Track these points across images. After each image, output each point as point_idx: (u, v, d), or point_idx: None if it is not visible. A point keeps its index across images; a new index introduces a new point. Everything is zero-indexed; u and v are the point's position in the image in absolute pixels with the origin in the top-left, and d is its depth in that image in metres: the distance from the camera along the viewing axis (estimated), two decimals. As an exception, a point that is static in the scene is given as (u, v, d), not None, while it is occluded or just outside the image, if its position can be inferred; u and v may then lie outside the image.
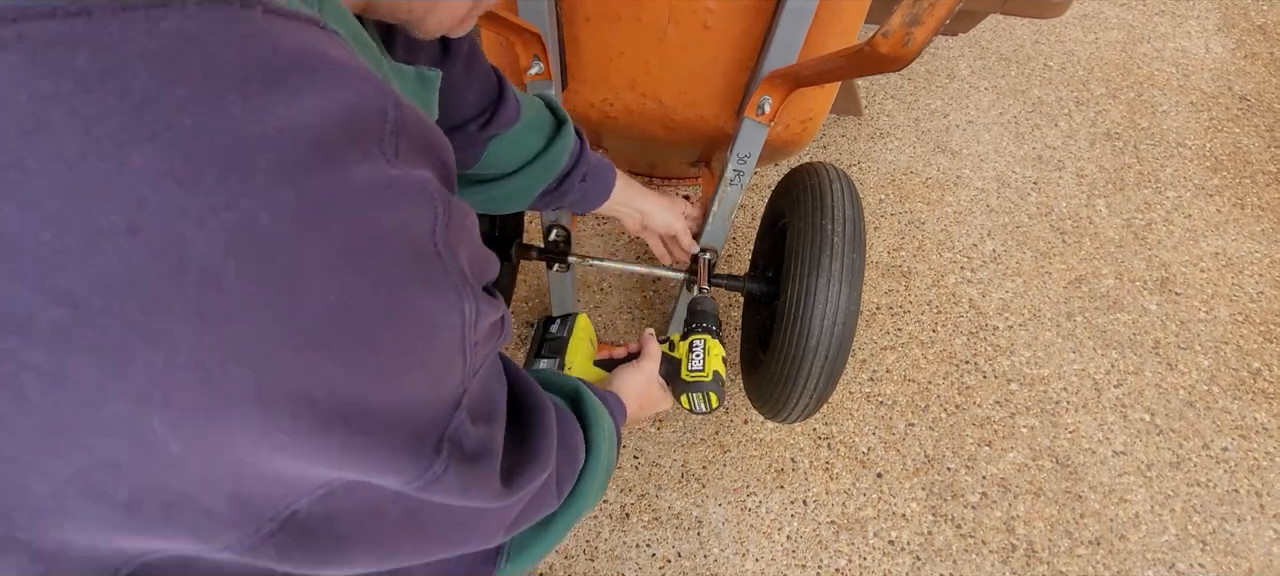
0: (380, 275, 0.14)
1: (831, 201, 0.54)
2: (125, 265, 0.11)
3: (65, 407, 0.12)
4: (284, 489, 0.15)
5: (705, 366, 0.47)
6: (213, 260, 0.12)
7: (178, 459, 0.13)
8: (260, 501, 0.15)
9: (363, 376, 0.14)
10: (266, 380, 0.13)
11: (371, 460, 0.15)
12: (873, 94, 1.20)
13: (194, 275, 0.12)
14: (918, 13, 0.31)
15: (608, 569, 0.73)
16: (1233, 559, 0.76)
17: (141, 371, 0.12)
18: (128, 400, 0.12)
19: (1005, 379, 0.88)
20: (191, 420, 0.12)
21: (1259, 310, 0.96)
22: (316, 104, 0.13)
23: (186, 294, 0.12)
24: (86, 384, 0.11)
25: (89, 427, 0.12)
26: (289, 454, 0.14)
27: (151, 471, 0.13)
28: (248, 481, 0.14)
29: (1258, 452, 0.83)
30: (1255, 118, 1.20)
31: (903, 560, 0.74)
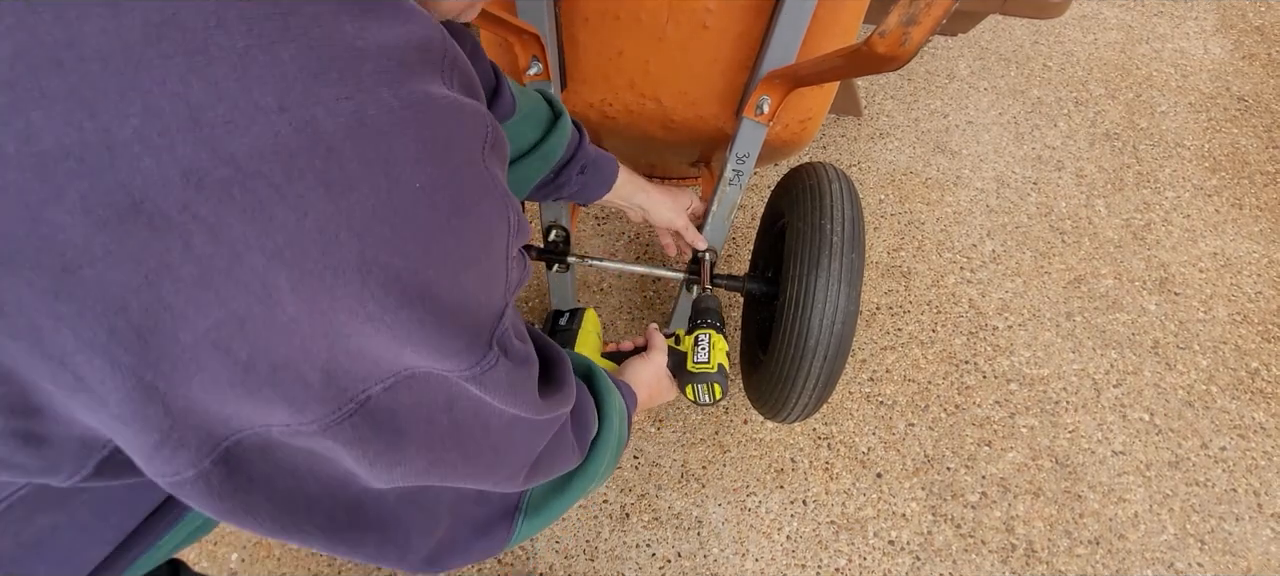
0: (453, 171, 0.17)
1: (831, 201, 0.54)
2: (274, 137, 0.14)
3: (217, 259, 0.14)
4: (365, 369, 0.17)
5: (711, 359, 0.48)
6: (336, 140, 0.14)
7: (291, 321, 0.15)
8: (344, 379, 0.17)
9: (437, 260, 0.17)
10: (367, 250, 0.15)
11: (439, 341, 0.18)
12: (872, 94, 1.21)
13: (322, 150, 0.14)
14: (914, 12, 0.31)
15: (608, 568, 0.73)
16: (1230, 558, 0.76)
17: (279, 228, 0.14)
18: (264, 255, 0.14)
19: (1005, 379, 0.89)
20: (308, 281, 0.15)
21: (1257, 310, 0.96)
22: (401, 31, 0.16)
23: (316, 165, 0.14)
24: (235, 237, 0.14)
25: (230, 280, 0.14)
26: (374, 327, 0.16)
27: (269, 332, 0.15)
28: (338, 356, 0.16)
29: (1255, 452, 0.84)
30: (1253, 118, 1.21)
31: (902, 560, 0.74)
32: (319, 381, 0.16)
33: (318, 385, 0.16)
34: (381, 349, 0.17)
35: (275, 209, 0.14)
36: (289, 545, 0.74)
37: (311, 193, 0.14)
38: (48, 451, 0.16)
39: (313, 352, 0.16)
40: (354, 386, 0.17)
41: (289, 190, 0.14)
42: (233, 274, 0.14)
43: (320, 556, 0.74)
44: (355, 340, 0.16)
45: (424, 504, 0.23)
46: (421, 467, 0.20)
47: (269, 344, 0.15)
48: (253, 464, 0.17)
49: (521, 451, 0.25)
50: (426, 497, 0.23)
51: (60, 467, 0.16)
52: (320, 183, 0.14)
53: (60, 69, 0.12)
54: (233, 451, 0.17)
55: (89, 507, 0.21)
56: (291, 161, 0.14)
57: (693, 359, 0.49)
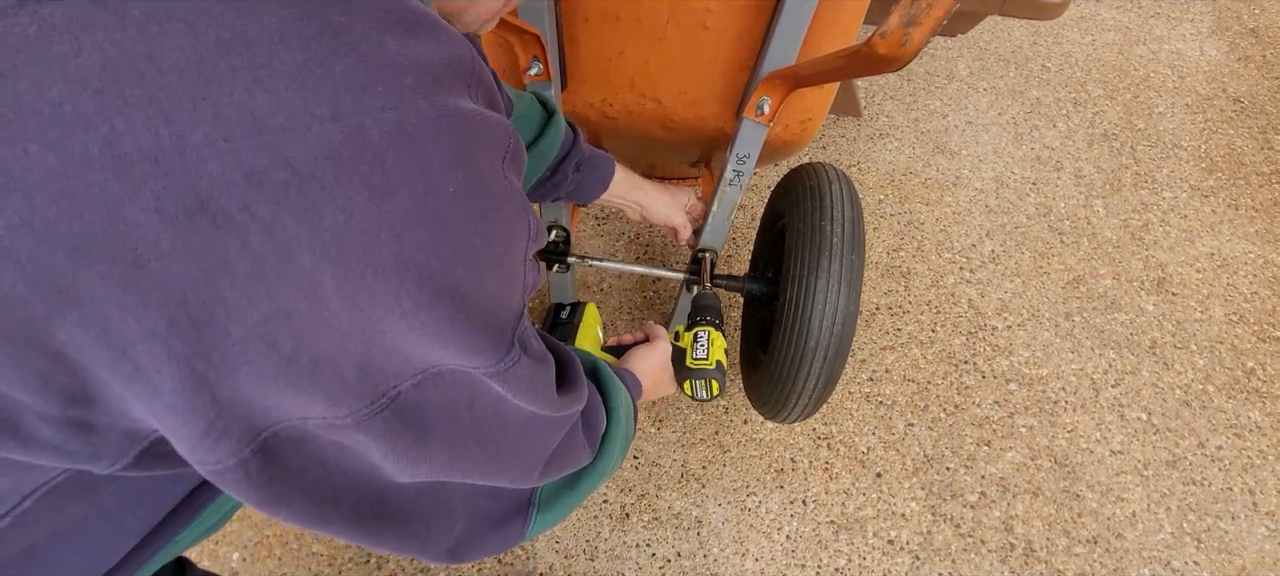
0: (481, 178, 0.19)
1: (831, 202, 0.54)
2: (327, 143, 0.15)
3: (271, 257, 0.15)
4: (396, 365, 0.18)
5: (709, 355, 0.49)
6: (381, 147, 0.16)
7: (333, 317, 0.16)
8: (377, 375, 0.18)
9: (466, 260, 0.18)
10: (405, 250, 0.17)
11: (467, 338, 0.19)
12: (872, 95, 1.21)
13: (369, 156, 0.16)
14: (915, 13, 0.31)
15: (608, 568, 0.73)
16: (1227, 556, 0.76)
17: (327, 228, 0.15)
18: (313, 254, 0.15)
19: (1004, 379, 0.89)
20: (351, 278, 0.16)
21: (1253, 310, 0.97)
22: (437, 49, 0.18)
23: (362, 170, 0.15)
24: (289, 236, 0.15)
25: (281, 277, 0.15)
26: (407, 324, 0.17)
27: (312, 327, 0.16)
28: (373, 352, 0.17)
29: (1251, 451, 0.84)
30: (1249, 120, 1.21)
31: (902, 559, 0.75)
32: (354, 376, 0.17)
33: (353, 380, 0.17)
34: (413, 346, 0.18)
35: (325, 210, 0.15)
36: (289, 545, 0.74)
37: (358, 195, 0.15)
38: (95, 439, 0.17)
39: (350, 348, 0.17)
40: (386, 382, 0.18)
41: (338, 193, 0.15)
42: (284, 271, 0.15)
43: (320, 556, 0.73)
44: (389, 337, 0.17)
45: (442, 498, 0.24)
46: (443, 463, 0.21)
47: (311, 339, 0.16)
48: (288, 455, 0.18)
49: (537, 448, 0.26)
50: (444, 492, 0.24)
51: (103, 455, 0.17)
52: (366, 186, 0.16)
53: (142, 79, 0.13)
54: (271, 442, 0.18)
55: (117, 498, 0.22)
56: (341, 166, 0.15)
57: (692, 355, 0.49)
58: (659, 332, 0.50)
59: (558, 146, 0.47)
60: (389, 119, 0.16)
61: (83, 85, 0.13)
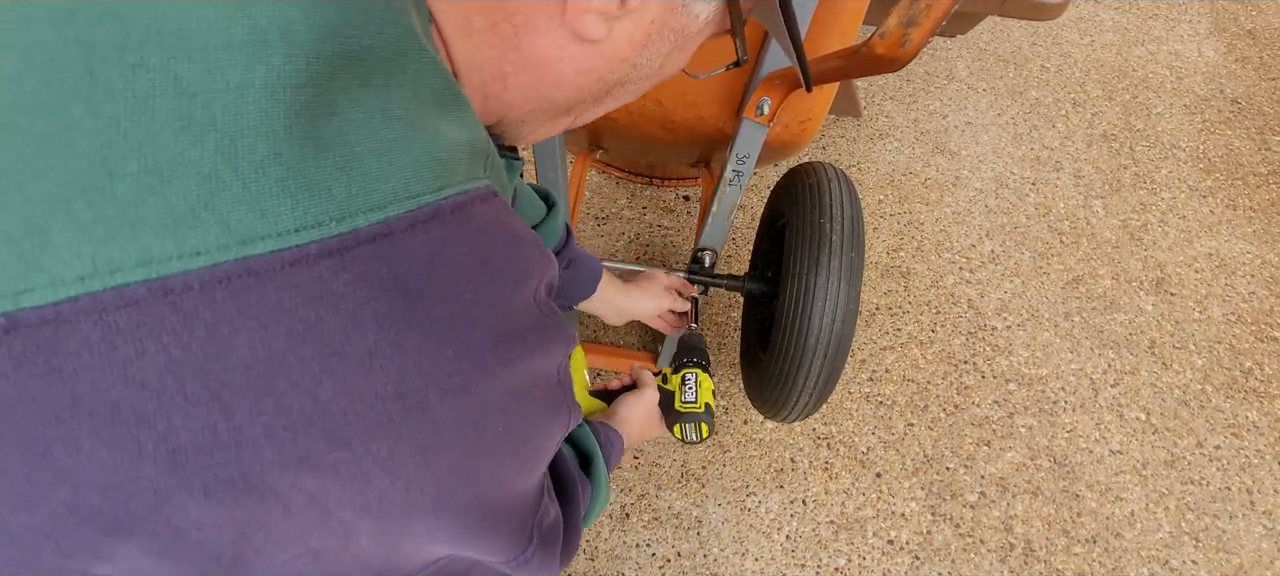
0: (531, 408, 0.19)
1: (830, 201, 0.54)
2: (387, 420, 0.15)
3: (311, 516, 0.15)
4: (415, 563, 0.19)
5: (698, 398, 0.49)
6: (441, 412, 0.16)
7: (361, 550, 0.17)
8: (392, 573, 0.19)
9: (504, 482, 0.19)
10: (446, 494, 0.17)
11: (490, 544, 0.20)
12: (872, 95, 1.21)
13: (428, 425, 0.16)
14: (914, 14, 0.31)
15: (608, 568, 0.73)
16: (1224, 555, 0.76)
17: (373, 492, 0.16)
18: (353, 511, 0.16)
19: (1003, 379, 0.89)
20: (386, 524, 0.16)
21: (1251, 310, 0.97)
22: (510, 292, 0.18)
23: (419, 438, 0.16)
24: (331, 499, 0.15)
25: (318, 530, 0.16)
26: (435, 541, 0.18)
27: (340, 559, 0.17)
28: (394, 559, 0.18)
29: (1249, 450, 0.84)
30: (1246, 120, 1.22)
31: (902, 559, 0.75)
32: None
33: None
34: (436, 550, 0.19)
35: (374, 477, 0.15)
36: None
37: (409, 460, 0.16)
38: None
39: (370, 564, 0.18)
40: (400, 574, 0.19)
41: (391, 463, 0.15)
42: (322, 525, 0.16)
43: None
44: (413, 548, 0.18)
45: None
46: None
47: (334, 566, 0.17)
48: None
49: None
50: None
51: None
52: (419, 449, 0.16)
53: (205, 378, 0.13)
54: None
55: None
56: (398, 439, 0.15)
57: (681, 398, 0.49)
58: (646, 379, 0.50)
59: (553, 241, 0.46)
60: (455, 384, 0.16)
61: (142, 386, 0.13)
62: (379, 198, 0.15)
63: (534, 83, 0.21)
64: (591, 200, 1.04)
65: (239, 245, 0.13)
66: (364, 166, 0.14)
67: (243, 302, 0.13)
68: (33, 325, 0.12)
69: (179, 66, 0.13)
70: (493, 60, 0.20)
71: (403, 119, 0.15)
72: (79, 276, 0.12)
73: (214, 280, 0.13)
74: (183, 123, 0.13)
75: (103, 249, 0.12)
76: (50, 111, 0.12)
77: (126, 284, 0.12)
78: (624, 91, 0.23)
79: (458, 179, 0.17)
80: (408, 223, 0.15)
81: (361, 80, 0.15)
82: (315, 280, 0.14)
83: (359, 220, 0.14)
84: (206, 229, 0.13)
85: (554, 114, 0.23)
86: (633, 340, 0.91)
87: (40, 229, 0.12)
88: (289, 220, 0.13)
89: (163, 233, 0.13)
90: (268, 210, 0.13)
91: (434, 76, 0.17)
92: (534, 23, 0.19)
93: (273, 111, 0.13)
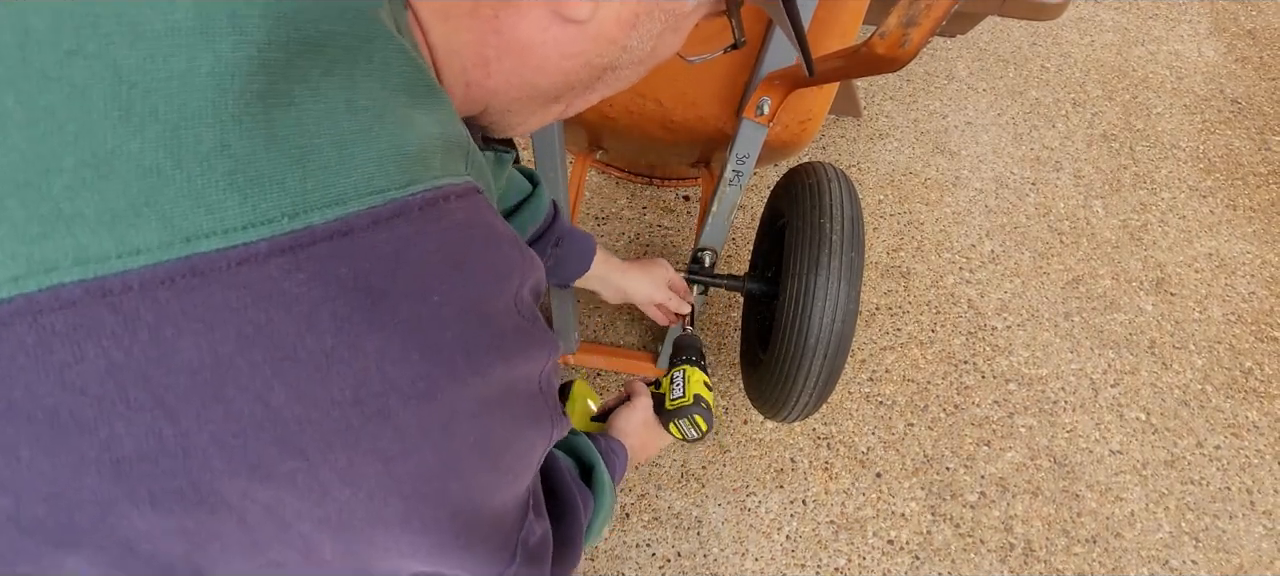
0: (509, 417, 0.18)
1: (830, 200, 0.54)
2: (346, 427, 0.14)
3: (268, 529, 0.14)
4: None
5: (686, 392, 0.48)
6: (405, 418, 0.15)
7: (327, 563, 0.16)
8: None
9: (480, 495, 0.18)
10: (414, 507, 0.16)
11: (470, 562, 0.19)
12: (872, 95, 1.21)
13: (390, 431, 0.15)
14: (914, 14, 0.31)
15: (608, 568, 0.73)
16: (1224, 554, 0.76)
17: (332, 503, 0.15)
18: (312, 523, 0.15)
19: (1003, 379, 0.89)
20: (350, 537, 0.16)
21: (1250, 310, 0.97)
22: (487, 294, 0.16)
23: (380, 445, 0.15)
24: (288, 512, 0.14)
25: (276, 543, 0.15)
26: (408, 557, 0.17)
27: (306, 571, 0.16)
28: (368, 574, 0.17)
29: (1248, 450, 0.84)
30: (1246, 120, 1.22)
31: (902, 559, 0.75)
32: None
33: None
34: (409, 566, 0.18)
35: (333, 488, 0.15)
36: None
37: (371, 468, 0.15)
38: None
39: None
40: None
41: (350, 472, 0.15)
42: (280, 537, 0.15)
43: None
44: (384, 563, 0.17)
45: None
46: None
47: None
48: None
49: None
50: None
51: None
52: (381, 458, 0.15)
53: (147, 383, 0.12)
54: None
55: None
56: (357, 447, 0.14)
57: (669, 397, 0.48)
58: (639, 389, 0.49)
59: (538, 220, 0.45)
60: (420, 388, 0.15)
61: (82, 392, 0.12)
62: (337, 192, 0.14)
63: (518, 68, 0.20)
64: (591, 200, 1.04)
65: (182, 243, 0.12)
66: (323, 159, 0.14)
67: (187, 303, 0.12)
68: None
69: (118, 53, 0.12)
70: (473, 45, 0.19)
71: (368, 110, 0.14)
72: (12, 277, 0.11)
73: (156, 280, 0.12)
74: (122, 113, 0.12)
75: (37, 248, 0.11)
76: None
77: (62, 284, 0.12)
78: (615, 77, 0.22)
79: (430, 174, 0.16)
80: (370, 220, 0.14)
81: (323, 69, 0.14)
82: (265, 279, 0.13)
83: (314, 216, 0.13)
84: (147, 226, 0.12)
85: (542, 102, 0.22)
86: (633, 340, 0.91)
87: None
88: (236, 216, 0.13)
89: (100, 230, 0.12)
90: (213, 205, 0.12)
91: (404, 65, 0.16)
92: (515, 3, 0.18)
93: (220, 101, 0.12)
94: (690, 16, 0.21)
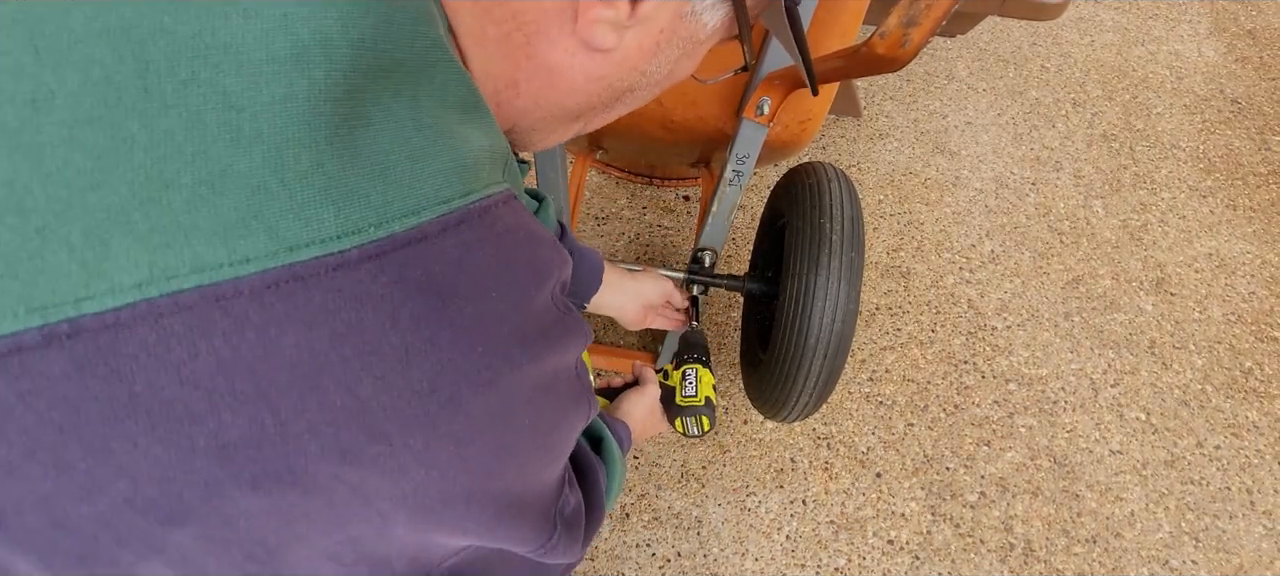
0: (555, 401, 0.20)
1: (830, 200, 0.54)
2: (424, 413, 0.16)
3: (352, 507, 0.16)
4: (445, 552, 0.20)
5: (698, 393, 0.50)
6: (473, 406, 0.17)
7: (397, 537, 0.18)
8: (425, 560, 0.20)
9: (531, 473, 0.20)
10: (476, 483, 0.18)
11: (517, 536, 0.21)
12: (872, 95, 1.21)
13: (461, 418, 0.16)
14: (914, 14, 0.31)
15: (608, 568, 0.73)
16: (1224, 554, 0.76)
17: (409, 483, 0.16)
18: (391, 501, 0.16)
19: (1003, 379, 0.89)
20: (421, 513, 0.17)
21: (1250, 310, 0.97)
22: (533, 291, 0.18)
23: (454, 431, 0.17)
24: (371, 490, 0.16)
25: (357, 519, 0.16)
26: (465, 531, 0.19)
27: (377, 545, 0.18)
28: (426, 547, 0.19)
29: (1248, 450, 0.84)
30: (1246, 120, 1.22)
31: (902, 559, 0.75)
32: (404, 568, 0.19)
33: (403, 570, 0.19)
34: (464, 540, 0.20)
35: (411, 469, 0.16)
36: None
37: (443, 452, 0.17)
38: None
39: (406, 550, 0.19)
40: (431, 563, 0.20)
41: (426, 454, 0.16)
42: (361, 514, 0.16)
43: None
44: (445, 537, 0.19)
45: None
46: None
47: (372, 552, 0.18)
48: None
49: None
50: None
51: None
52: (453, 441, 0.17)
53: (252, 377, 0.14)
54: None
55: None
56: (434, 432, 0.16)
57: (681, 393, 0.50)
58: (648, 375, 0.51)
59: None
60: (484, 379, 0.17)
61: (195, 386, 0.13)
62: (413, 203, 0.15)
63: (545, 89, 0.21)
64: (591, 200, 1.04)
65: (286, 252, 0.14)
66: (398, 174, 0.15)
67: (289, 305, 0.14)
68: (93, 330, 0.13)
69: (227, 81, 0.14)
70: (505, 69, 0.20)
71: (432, 127, 0.16)
72: (136, 283, 0.13)
73: (263, 285, 0.14)
74: (232, 135, 0.13)
75: (159, 257, 0.13)
76: (109, 126, 0.13)
77: (181, 290, 0.13)
78: (633, 97, 0.24)
79: (481, 184, 0.17)
80: (439, 227, 0.16)
81: (393, 91, 0.15)
82: (356, 283, 0.14)
83: (395, 225, 0.15)
84: (256, 237, 0.14)
85: (565, 120, 0.24)
86: (633, 340, 0.91)
87: (101, 238, 0.13)
88: (331, 227, 0.14)
89: (215, 241, 0.13)
90: (311, 218, 0.14)
91: (459, 86, 0.17)
92: (546, 32, 0.20)
93: (314, 123, 0.14)
94: (706, 43, 0.23)
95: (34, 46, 0.12)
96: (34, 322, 0.12)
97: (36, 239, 0.12)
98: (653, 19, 0.20)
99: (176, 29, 0.13)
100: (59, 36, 0.13)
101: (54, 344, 0.12)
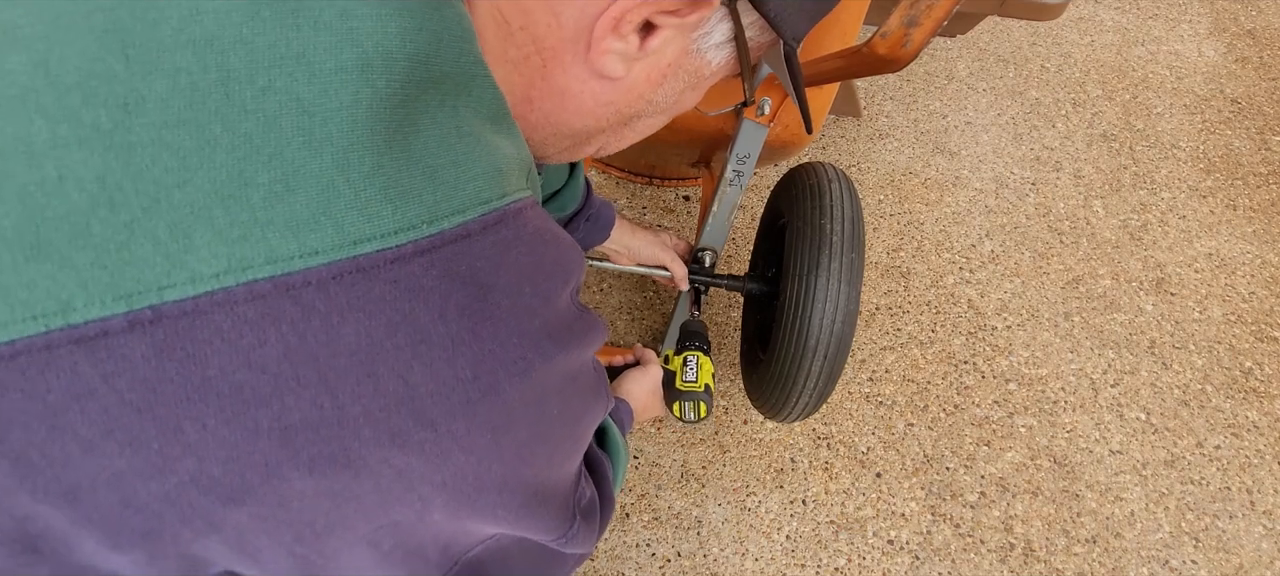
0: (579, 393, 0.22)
1: (830, 200, 0.54)
2: (466, 402, 0.17)
3: (396, 490, 0.17)
4: (472, 540, 0.21)
5: (698, 379, 0.51)
6: (510, 394, 0.18)
7: (433, 523, 0.19)
8: (455, 549, 0.21)
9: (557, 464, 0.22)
10: (509, 472, 0.19)
11: (542, 525, 0.22)
12: (872, 95, 1.21)
13: (500, 406, 0.18)
14: (915, 14, 0.31)
15: (608, 568, 0.73)
16: (1224, 554, 0.77)
17: (451, 468, 0.17)
18: (431, 486, 0.17)
19: (1003, 379, 0.89)
20: (457, 499, 0.18)
21: (1250, 310, 0.97)
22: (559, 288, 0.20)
23: (492, 419, 0.18)
24: (415, 475, 0.17)
25: (400, 503, 0.17)
26: (495, 519, 0.20)
27: (413, 532, 0.19)
28: (456, 535, 0.20)
29: (1248, 450, 0.84)
30: (1246, 120, 1.22)
31: (902, 559, 0.75)
32: (437, 556, 0.21)
33: (435, 558, 0.21)
34: (490, 529, 0.21)
35: (453, 454, 0.17)
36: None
37: (482, 438, 0.18)
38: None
39: (439, 538, 0.20)
40: (460, 552, 0.21)
41: (467, 440, 0.17)
42: (404, 498, 0.17)
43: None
44: (475, 525, 0.20)
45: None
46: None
47: (409, 538, 0.19)
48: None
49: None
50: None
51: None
52: (490, 429, 0.18)
53: (315, 363, 0.15)
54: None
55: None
56: (474, 419, 0.17)
57: (682, 377, 0.51)
58: (650, 356, 0.53)
59: (576, 201, 0.50)
60: (520, 368, 0.18)
61: (263, 370, 0.14)
62: (459, 203, 0.17)
63: (557, 109, 0.23)
64: (591, 200, 1.04)
65: (350, 245, 0.15)
66: (446, 176, 0.16)
67: (351, 296, 0.15)
68: (174, 316, 0.14)
69: (300, 88, 0.15)
70: (521, 86, 0.22)
71: (471, 135, 0.17)
72: (215, 273, 0.14)
73: (329, 276, 0.15)
74: (305, 138, 0.15)
75: (237, 249, 0.14)
76: (194, 128, 0.14)
77: (256, 280, 0.14)
78: (641, 123, 0.26)
79: (513, 188, 0.19)
80: (481, 226, 0.17)
81: (438, 101, 0.17)
82: (410, 276, 0.16)
83: (444, 223, 0.16)
84: (324, 231, 0.15)
85: (575, 140, 0.25)
86: (633, 340, 0.91)
87: (185, 232, 0.14)
88: (390, 223, 0.15)
89: (287, 234, 0.14)
90: (373, 215, 0.15)
91: (493, 99, 0.19)
92: (561, 58, 0.21)
93: (376, 128, 0.15)
94: (710, 78, 0.25)
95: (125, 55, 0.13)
96: (120, 309, 0.13)
97: (125, 232, 0.13)
98: (661, 53, 0.21)
99: (254, 40, 0.14)
100: (148, 46, 0.14)
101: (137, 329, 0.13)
